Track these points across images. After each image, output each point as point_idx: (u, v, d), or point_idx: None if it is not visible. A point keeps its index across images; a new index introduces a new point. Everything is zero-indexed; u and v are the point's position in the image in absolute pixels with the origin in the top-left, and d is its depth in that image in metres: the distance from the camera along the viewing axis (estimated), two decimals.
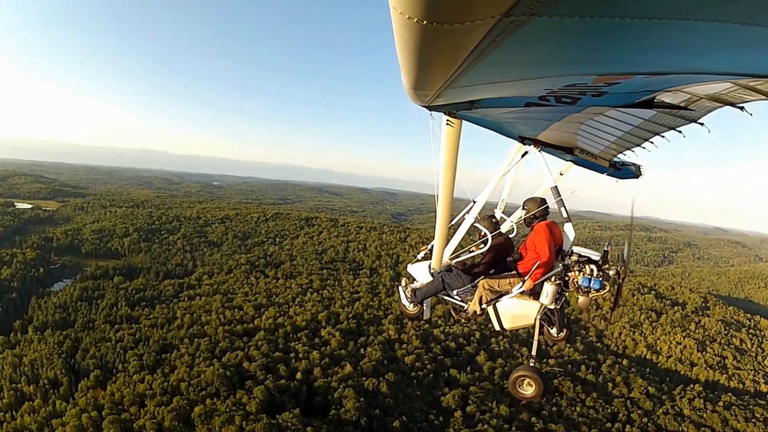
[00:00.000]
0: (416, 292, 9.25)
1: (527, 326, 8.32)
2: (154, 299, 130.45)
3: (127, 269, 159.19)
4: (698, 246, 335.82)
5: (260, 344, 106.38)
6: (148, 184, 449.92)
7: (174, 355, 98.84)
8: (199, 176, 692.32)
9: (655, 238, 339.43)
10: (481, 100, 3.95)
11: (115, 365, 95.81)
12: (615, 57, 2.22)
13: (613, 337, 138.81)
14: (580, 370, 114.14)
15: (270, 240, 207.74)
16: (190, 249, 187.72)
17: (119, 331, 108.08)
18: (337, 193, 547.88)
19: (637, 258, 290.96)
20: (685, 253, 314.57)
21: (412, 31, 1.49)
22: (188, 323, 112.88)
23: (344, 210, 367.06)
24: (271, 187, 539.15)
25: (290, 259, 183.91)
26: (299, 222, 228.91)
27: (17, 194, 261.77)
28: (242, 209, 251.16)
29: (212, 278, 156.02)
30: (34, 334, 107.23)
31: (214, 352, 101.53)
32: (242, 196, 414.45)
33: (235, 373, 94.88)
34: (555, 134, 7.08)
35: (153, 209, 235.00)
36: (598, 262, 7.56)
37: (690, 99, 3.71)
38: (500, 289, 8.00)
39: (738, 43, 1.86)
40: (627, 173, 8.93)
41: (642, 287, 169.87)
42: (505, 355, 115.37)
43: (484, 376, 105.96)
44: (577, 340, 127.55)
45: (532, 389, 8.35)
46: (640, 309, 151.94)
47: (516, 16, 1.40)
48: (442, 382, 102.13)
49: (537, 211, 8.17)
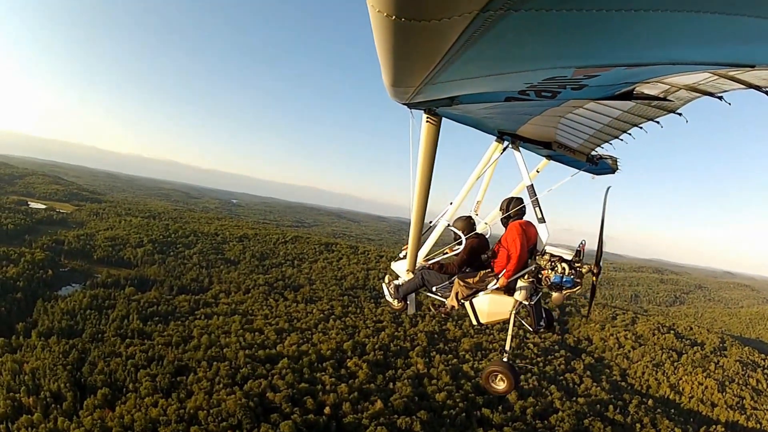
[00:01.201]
0: (398, 289, 9.42)
1: (503, 321, 8.06)
2: (168, 315, 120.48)
3: (139, 280, 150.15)
4: (708, 288, 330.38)
5: (284, 373, 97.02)
6: (166, 196, 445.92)
7: (191, 379, 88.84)
8: (220, 192, 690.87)
9: (666, 279, 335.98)
10: (461, 96, 3.89)
11: (126, 384, 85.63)
12: (594, 49, 2.21)
13: (637, 377, 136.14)
14: (607, 410, 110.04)
15: (288, 262, 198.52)
16: (206, 265, 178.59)
17: (130, 346, 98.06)
18: (355, 220, 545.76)
19: (649, 298, 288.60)
20: (696, 294, 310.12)
21: (390, 28, 1.49)
22: (206, 344, 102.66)
23: (361, 237, 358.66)
24: (289, 209, 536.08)
25: (309, 282, 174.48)
26: (318, 246, 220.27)
27: (32, 193, 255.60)
28: (261, 229, 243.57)
29: (229, 297, 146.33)
30: (38, 340, 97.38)
31: (234, 379, 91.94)
32: (260, 216, 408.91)
33: (259, 403, 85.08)
34: (534, 128, 6.98)
35: (170, 221, 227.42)
36: (570, 260, 7.40)
37: (669, 90, 3.68)
38: (475, 286, 8.06)
39: (716, 33, 1.86)
40: (603, 168, 8.58)
41: (661, 326, 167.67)
42: (534, 393, 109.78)
43: (516, 415, 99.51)
44: (602, 379, 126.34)
45: (503, 384, 8.49)
46: (662, 348, 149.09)
47: (493, 11, 1.40)
48: (475, 422, 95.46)
49: (512, 211, 8.24)
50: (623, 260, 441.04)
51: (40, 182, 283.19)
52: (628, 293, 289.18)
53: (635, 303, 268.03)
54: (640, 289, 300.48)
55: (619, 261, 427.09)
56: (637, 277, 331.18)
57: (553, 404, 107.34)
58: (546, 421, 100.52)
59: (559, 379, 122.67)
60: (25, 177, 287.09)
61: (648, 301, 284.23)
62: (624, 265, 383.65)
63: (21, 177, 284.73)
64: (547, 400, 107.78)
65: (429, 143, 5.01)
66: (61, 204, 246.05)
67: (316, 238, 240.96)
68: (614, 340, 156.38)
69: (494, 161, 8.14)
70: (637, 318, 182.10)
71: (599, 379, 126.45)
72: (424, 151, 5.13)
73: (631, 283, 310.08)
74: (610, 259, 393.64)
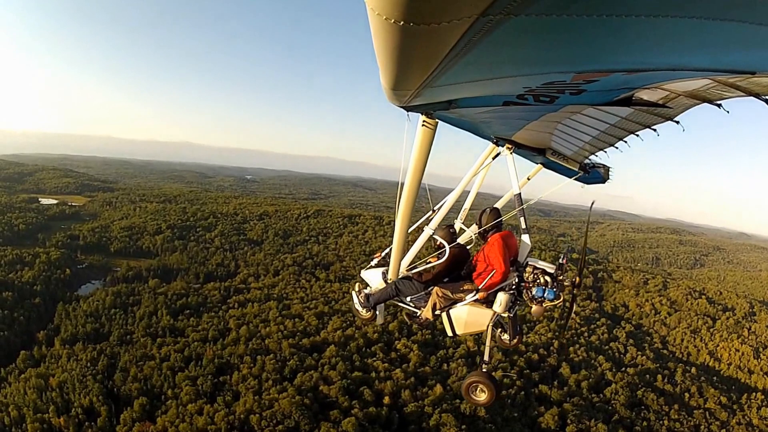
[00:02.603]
0: (369, 298, 9.02)
1: (479, 332, 7.89)
2: (200, 306, 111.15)
3: (162, 270, 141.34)
4: (726, 250, 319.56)
5: (334, 362, 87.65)
6: (180, 177, 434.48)
7: (235, 378, 79.87)
8: (233, 170, 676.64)
9: (685, 241, 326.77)
10: (459, 100, 3.86)
11: (164, 391, 76.55)
12: (593, 54, 2.21)
13: (676, 344, 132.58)
14: (656, 380, 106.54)
15: (313, 239, 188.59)
16: (229, 248, 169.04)
17: (163, 346, 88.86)
18: (372, 188, 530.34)
19: (670, 260, 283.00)
20: (715, 256, 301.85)
21: (389, 32, 1.48)
22: (245, 336, 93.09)
23: (380, 206, 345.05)
24: (305, 181, 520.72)
25: (339, 259, 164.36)
26: (342, 219, 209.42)
27: (43, 189, 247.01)
28: (281, 205, 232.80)
29: (259, 281, 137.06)
30: (62, 348, 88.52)
31: (282, 373, 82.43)
32: (275, 190, 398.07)
33: (314, 399, 75.65)
34: (530, 134, 6.87)
35: (186, 204, 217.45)
36: (552, 273, 7.19)
37: (668, 96, 3.58)
38: (454, 297, 7.81)
39: (716, 39, 1.86)
40: (595, 177, 8.30)
41: (693, 291, 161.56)
42: (585, 365, 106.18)
43: (572, 390, 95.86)
44: (645, 347, 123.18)
45: (484, 395, 8.40)
46: (696, 314, 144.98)
47: (493, 16, 1.39)
48: (534, 399, 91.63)
49: (488, 225, 8.05)
50: (640, 220, 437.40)
51: (50, 177, 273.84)
52: (648, 255, 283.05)
53: (657, 265, 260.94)
54: (660, 251, 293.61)
55: (637, 221, 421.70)
56: (656, 238, 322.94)
57: (605, 376, 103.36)
58: (602, 395, 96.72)
59: (605, 348, 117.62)
60: (35, 173, 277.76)
61: (669, 263, 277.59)
62: (642, 226, 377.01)
63: (31, 174, 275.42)
64: (598, 372, 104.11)
65: (423, 147, 4.84)
66: (73, 197, 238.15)
67: (338, 211, 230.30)
68: (650, 306, 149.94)
69: (486, 167, 8.06)
70: (668, 282, 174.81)
71: (642, 347, 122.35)
72: (418, 154, 4.94)
73: (651, 245, 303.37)
74: (627, 219, 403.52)
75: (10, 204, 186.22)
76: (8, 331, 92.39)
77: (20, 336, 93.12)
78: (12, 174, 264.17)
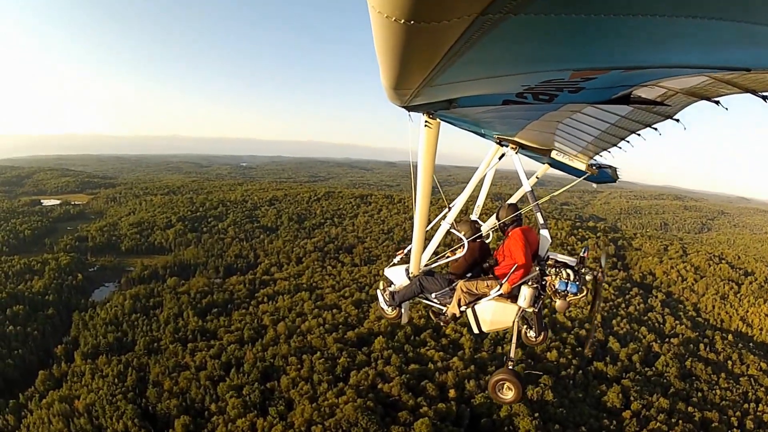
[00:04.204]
0: (394, 296, 8.77)
1: (505, 329, 7.66)
2: (227, 303, 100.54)
3: (178, 267, 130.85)
4: (731, 214, 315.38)
5: (386, 355, 77.77)
6: (177, 169, 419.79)
7: (284, 383, 69.83)
8: (227, 158, 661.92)
9: (689, 206, 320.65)
10: (459, 99, 3.86)
11: (206, 405, 66.34)
12: (592, 53, 2.23)
13: (709, 311, 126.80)
14: (699, 349, 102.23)
15: (329, 221, 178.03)
16: (244, 237, 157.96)
17: (196, 352, 78.56)
18: (366, 168, 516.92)
19: (678, 226, 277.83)
20: (720, 221, 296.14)
21: (390, 30, 1.47)
22: (284, 334, 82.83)
23: (380, 185, 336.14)
24: (300, 165, 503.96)
25: (360, 241, 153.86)
26: (354, 200, 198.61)
27: (44, 191, 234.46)
28: (289, 189, 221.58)
29: (283, 270, 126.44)
30: (84, 363, 78.07)
31: (334, 373, 72.25)
32: (274, 175, 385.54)
33: (375, 400, 66.11)
34: (533, 134, 6.85)
35: (192, 195, 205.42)
36: (574, 267, 7.08)
37: (666, 94, 3.57)
38: (478, 292, 7.58)
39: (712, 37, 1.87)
40: (604, 176, 8.12)
41: (713, 257, 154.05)
42: (630, 338, 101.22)
43: (626, 365, 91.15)
44: (681, 316, 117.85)
45: (511, 393, 7.87)
46: (721, 279, 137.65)
47: (493, 15, 1.39)
48: (591, 377, 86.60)
49: (508, 219, 7.77)
50: (639, 188, 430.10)
51: (49, 177, 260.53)
52: (656, 221, 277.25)
53: (666, 231, 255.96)
54: (667, 217, 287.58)
55: (637, 189, 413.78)
56: (661, 204, 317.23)
57: (652, 348, 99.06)
58: (654, 368, 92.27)
59: (644, 319, 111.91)
60: (33, 175, 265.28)
61: (677, 228, 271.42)
62: (644, 193, 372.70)
63: (29, 176, 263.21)
64: (644, 345, 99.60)
65: (428, 146, 4.94)
66: (75, 195, 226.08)
67: (349, 192, 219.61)
68: (675, 273, 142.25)
69: (493, 167, 8.03)
70: (686, 247, 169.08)
71: (678, 316, 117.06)
72: (424, 154, 5.05)
73: (657, 211, 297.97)
74: (627, 188, 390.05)
75: (12, 209, 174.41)
76: (23, 348, 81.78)
77: (36, 353, 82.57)
78: (10, 178, 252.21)
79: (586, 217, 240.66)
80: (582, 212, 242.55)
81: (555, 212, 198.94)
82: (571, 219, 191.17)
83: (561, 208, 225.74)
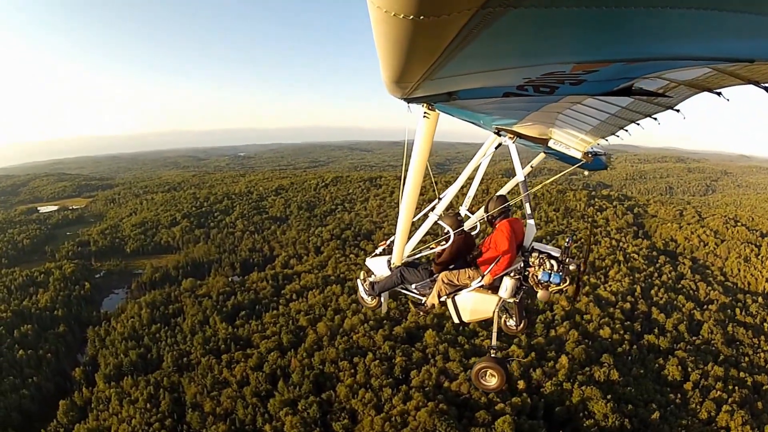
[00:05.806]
0: (374, 286, 8.54)
1: (485, 319, 7.52)
2: (255, 304, 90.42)
3: (191, 266, 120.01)
4: (733, 174, 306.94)
5: (443, 349, 69.25)
6: (174, 164, 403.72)
7: (341, 392, 60.87)
8: (224, 149, 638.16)
9: (693, 168, 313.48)
10: (459, 92, 3.81)
11: (260, 428, 56.70)
12: (593, 45, 2.20)
13: (735, 274, 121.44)
14: (735, 314, 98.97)
15: (340, 207, 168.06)
16: (254, 229, 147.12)
17: (233, 365, 68.74)
18: (368, 149, 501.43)
19: (683, 189, 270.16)
20: (724, 181, 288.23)
21: (389, 24, 1.45)
22: (326, 335, 73.33)
23: (384, 166, 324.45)
24: (300, 151, 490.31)
25: (377, 226, 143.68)
26: (363, 183, 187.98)
27: (40, 197, 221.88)
28: (293, 177, 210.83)
29: (303, 262, 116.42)
30: (108, 387, 68.06)
31: (393, 375, 63.25)
32: (274, 163, 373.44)
33: (444, 401, 57.60)
34: (531, 125, 6.68)
35: (194, 189, 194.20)
36: (558, 257, 6.89)
37: (668, 85, 3.55)
38: (459, 283, 7.49)
39: (715, 29, 1.84)
40: (597, 163, 8.11)
41: (729, 219, 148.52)
42: (670, 307, 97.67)
43: (675, 336, 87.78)
44: (711, 281, 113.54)
45: (495, 380, 7.78)
46: (741, 242, 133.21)
47: (493, 8, 1.36)
48: (646, 351, 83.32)
49: (496, 210, 7.67)
50: (642, 151, 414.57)
51: (44, 184, 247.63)
52: (661, 185, 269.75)
53: (671, 195, 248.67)
54: (671, 181, 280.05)
55: (639, 152, 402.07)
56: (665, 167, 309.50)
57: (693, 316, 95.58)
58: (700, 336, 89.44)
59: (678, 287, 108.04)
60: (28, 183, 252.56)
61: (683, 191, 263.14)
62: (648, 156, 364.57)
63: (24, 184, 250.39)
64: (685, 313, 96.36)
65: (425, 137, 4.88)
66: (73, 200, 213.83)
67: (357, 175, 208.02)
68: (696, 238, 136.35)
69: (489, 156, 7.67)
70: (701, 211, 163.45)
71: (709, 282, 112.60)
72: (420, 145, 4.99)
73: (662, 174, 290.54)
74: (630, 151, 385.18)
75: (8, 219, 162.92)
76: (37, 375, 71.59)
77: (53, 379, 72.60)
78: (5, 187, 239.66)
79: (594, 185, 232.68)
80: (589, 180, 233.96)
81: (566, 182, 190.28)
82: (585, 189, 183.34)
83: (570, 179, 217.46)
